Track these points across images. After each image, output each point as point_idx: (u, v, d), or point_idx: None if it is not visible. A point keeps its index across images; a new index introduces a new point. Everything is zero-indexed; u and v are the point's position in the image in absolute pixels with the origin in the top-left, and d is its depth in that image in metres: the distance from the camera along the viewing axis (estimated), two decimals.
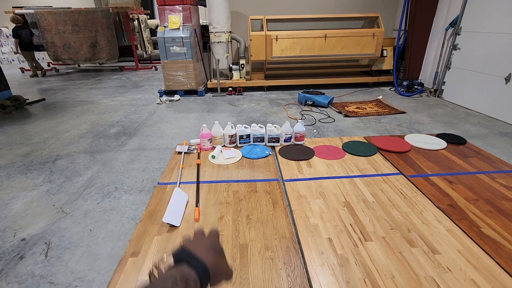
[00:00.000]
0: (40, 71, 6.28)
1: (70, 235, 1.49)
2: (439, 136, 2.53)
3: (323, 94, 3.67)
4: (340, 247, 1.36)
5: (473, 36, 3.33)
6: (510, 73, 2.88)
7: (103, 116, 3.41)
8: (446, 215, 1.57)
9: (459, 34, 3.52)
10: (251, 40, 3.95)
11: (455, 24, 3.52)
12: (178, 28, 3.86)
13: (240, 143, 2.44)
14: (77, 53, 6.30)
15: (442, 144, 2.37)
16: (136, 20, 6.67)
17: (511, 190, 1.77)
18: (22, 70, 6.93)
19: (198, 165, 2.13)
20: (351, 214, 1.59)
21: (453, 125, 2.89)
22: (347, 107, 3.47)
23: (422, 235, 1.43)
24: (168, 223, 1.51)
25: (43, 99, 4.20)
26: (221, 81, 4.27)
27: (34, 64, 6.20)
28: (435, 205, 1.65)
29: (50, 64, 7.34)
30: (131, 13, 6.48)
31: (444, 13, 3.73)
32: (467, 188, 1.80)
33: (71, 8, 6.20)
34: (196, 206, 1.67)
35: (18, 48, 5.94)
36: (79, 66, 7.66)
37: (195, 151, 2.34)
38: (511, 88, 2.89)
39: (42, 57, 8.27)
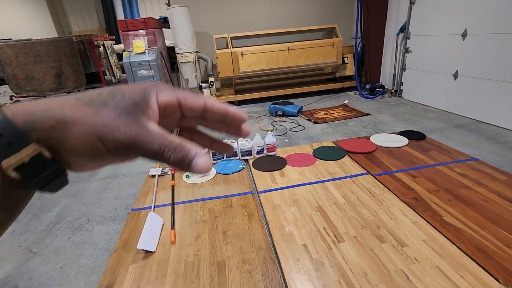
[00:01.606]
0: None
1: (39, 276, 1.42)
2: (401, 133, 2.69)
3: (292, 103, 3.80)
4: (315, 251, 1.40)
5: (421, 39, 3.62)
6: (457, 70, 3.15)
7: None
8: (411, 208, 1.66)
9: (409, 38, 3.80)
10: (217, 58, 4.04)
11: (404, 29, 3.81)
12: (144, 52, 3.87)
13: (214, 160, 2.46)
14: (41, 84, 6.10)
15: (404, 141, 2.52)
16: (102, 47, 6.59)
17: (467, 178, 1.91)
18: None
19: (173, 187, 2.12)
20: (324, 218, 1.64)
21: (414, 122, 3.08)
22: (316, 114, 3.61)
23: (390, 230, 1.50)
24: (143, 250, 1.48)
25: None
26: None
27: None
28: (400, 199, 1.75)
29: (13, 97, 7.03)
30: (96, 40, 6.41)
31: (394, 19, 4.03)
32: (429, 180, 1.92)
33: (31, 39, 6.04)
34: (172, 228, 1.65)
35: None
36: (44, 96, 7.39)
37: (169, 173, 2.33)
38: (460, 84, 3.15)
39: (4, 91, 7.91)
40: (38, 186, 0.22)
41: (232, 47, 4.08)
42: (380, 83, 4.25)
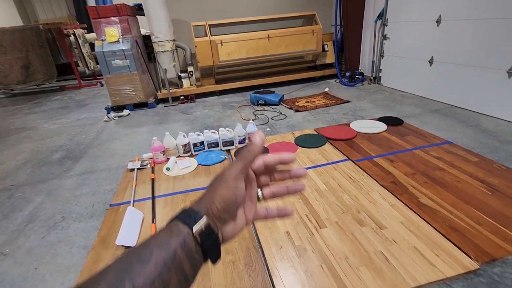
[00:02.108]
0: None
1: (11, 278, 1.35)
2: (380, 119, 2.75)
3: (274, 92, 3.77)
4: (298, 238, 1.42)
5: (399, 26, 3.67)
6: (432, 56, 3.23)
7: (44, 142, 3.14)
8: (390, 191, 1.71)
9: (386, 25, 3.85)
10: (196, 46, 3.92)
11: (382, 16, 3.84)
12: (118, 41, 3.69)
13: (195, 151, 2.41)
14: (7, 76, 5.71)
15: (382, 127, 2.57)
16: (72, 36, 6.23)
17: (442, 160, 1.98)
18: None
19: (153, 180, 2.06)
20: (306, 205, 1.66)
21: (392, 108, 3.15)
22: (297, 102, 3.61)
23: (370, 214, 1.54)
24: (123, 245, 1.44)
25: None
26: (171, 90, 4.18)
27: None
28: (379, 184, 1.79)
29: None
30: (65, 29, 6.05)
31: (372, 6, 4.05)
32: (406, 164, 1.98)
33: None
34: (153, 222, 1.61)
35: None
36: (12, 90, 6.95)
37: (149, 166, 2.26)
38: (435, 70, 3.23)
39: None
40: (207, 247, 0.33)
41: (211, 35, 3.97)
42: (359, 71, 4.30)
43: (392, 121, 2.68)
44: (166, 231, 0.33)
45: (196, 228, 0.32)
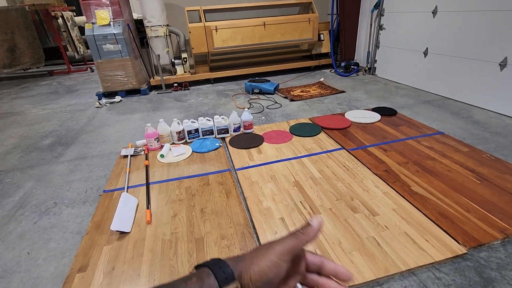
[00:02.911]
0: None
1: (4, 263, 1.34)
2: (374, 110, 2.77)
3: (269, 81, 3.75)
4: (292, 224, 1.44)
5: (395, 16, 3.66)
6: (427, 48, 3.24)
7: (33, 127, 3.06)
8: (383, 180, 1.74)
9: (383, 15, 3.83)
10: (190, 32, 3.84)
11: (378, 5, 3.82)
12: (109, 24, 3.58)
13: (189, 139, 2.39)
14: None
15: (377, 117, 2.60)
16: (61, 18, 6.01)
17: (433, 150, 2.02)
18: None
19: (147, 166, 2.04)
20: (301, 192, 1.67)
21: (386, 99, 3.17)
22: (292, 91, 3.59)
23: (363, 201, 1.57)
24: (117, 231, 1.44)
25: None
26: (165, 77, 4.10)
27: None
28: (373, 172, 1.82)
29: None
30: (53, 11, 5.82)
31: None
32: (399, 153, 2.01)
33: None
34: (147, 208, 1.61)
35: None
36: None
37: (142, 153, 2.24)
38: (429, 61, 3.25)
39: None
40: None
41: (206, 21, 3.88)
42: (354, 61, 4.29)
43: (386, 112, 2.70)
44: (197, 280, 0.32)
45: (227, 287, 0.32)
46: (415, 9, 3.32)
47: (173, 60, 4.18)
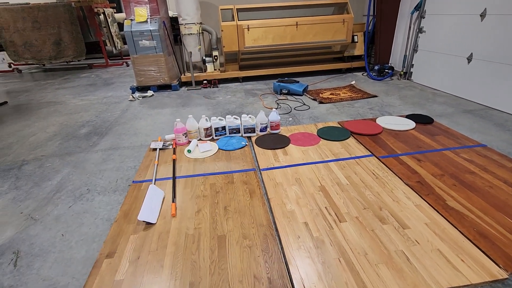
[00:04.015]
0: None
1: (41, 242, 1.43)
2: (408, 117, 2.63)
3: (298, 82, 3.70)
4: (316, 230, 1.40)
5: (437, 18, 3.45)
6: (472, 53, 3.02)
7: (72, 117, 3.26)
8: (415, 191, 1.64)
9: (424, 17, 3.63)
10: (222, 30, 3.88)
11: (419, 7, 3.62)
12: (146, 21, 3.72)
13: (216, 136, 2.42)
14: (40, 51, 5.94)
15: (411, 124, 2.47)
16: (102, 14, 6.35)
17: (473, 164, 1.87)
18: None
19: (174, 161, 2.10)
20: (326, 197, 1.63)
21: (422, 106, 3.01)
22: (322, 93, 3.52)
23: (392, 212, 1.49)
24: (144, 221, 1.48)
25: (5, 102, 3.95)
26: (195, 74, 4.19)
27: None
28: (404, 182, 1.72)
29: (12, 65, 6.88)
30: (96, 7, 6.16)
31: None
32: (434, 164, 1.89)
33: (29, 3, 5.80)
34: (173, 201, 1.65)
35: None
36: (43, 65, 7.24)
37: (171, 147, 2.30)
38: (473, 68, 3.03)
39: (3, 58, 7.72)
40: None
41: (238, 20, 3.91)
42: (389, 64, 4.11)
43: (421, 119, 2.56)
44: None
45: None
46: (461, 11, 3.11)
47: (204, 57, 4.26)
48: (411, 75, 3.96)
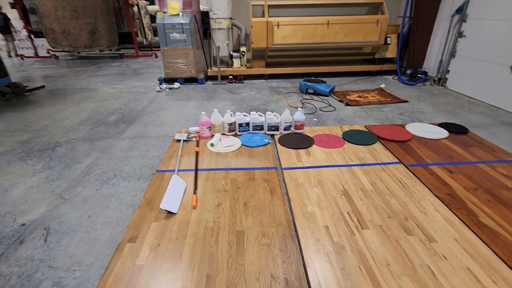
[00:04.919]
0: (15, 55, 7.03)
1: (69, 221, 1.50)
2: (441, 125, 2.50)
3: (325, 82, 3.62)
4: (337, 234, 1.37)
5: (480, 23, 3.24)
6: None
7: (102, 104, 3.40)
8: (445, 204, 1.56)
9: (465, 21, 3.42)
10: (252, 26, 3.88)
11: (461, 10, 3.42)
12: (178, 14, 3.78)
13: (239, 131, 2.42)
14: (76, 39, 6.23)
15: (443, 133, 2.34)
16: (136, 6, 6.55)
17: (510, 179, 1.75)
18: (22, 56, 6.89)
19: (197, 153, 2.12)
20: (349, 202, 1.58)
21: (456, 114, 2.85)
22: (349, 95, 3.43)
23: (419, 224, 1.42)
24: (165, 210, 1.52)
25: (43, 86, 4.19)
26: (221, 69, 4.22)
27: (10, 47, 6.94)
28: (434, 194, 1.64)
29: (50, 51, 7.28)
30: None
31: None
32: (467, 177, 1.78)
33: None
34: (194, 193, 1.67)
35: None
36: (78, 53, 7.59)
37: (194, 139, 2.33)
38: None
39: (42, 44, 8.19)
40: None
41: (269, 16, 3.88)
42: (423, 69, 3.93)
43: (455, 129, 2.43)
44: None
45: None
46: (507, 16, 2.90)
47: (231, 53, 4.28)
48: (446, 81, 3.76)
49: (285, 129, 2.41)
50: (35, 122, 2.86)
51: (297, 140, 2.28)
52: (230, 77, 4.17)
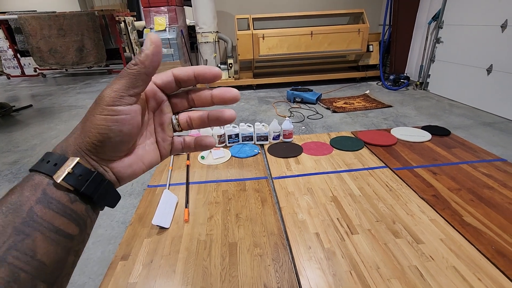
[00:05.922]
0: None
1: None
2: (424, 128, 2.59)
3: (311, 90, 3.71)
4: (327, 241, 1.40)
5: (455, 29, 3.40)
6: (492, 64, 2.96)
7: None
8: (430, 205, 1.61)
9: (441, 28, 3.58)
10: (238, 39, 3.96)
11: (437, 17, 3.58)
12: (164, 30, 3.84)
13: (229, 143, 2.45)
14: (63, 57, 6.21)
15: (427, 136, 2.42)
16: (123, 23, 6.59)
17: (492, 178, 1.82)
18: (8, 76, 6.81)
19: (188, 166, 2.14)
20: (338, 208, 1.62)
21: (438, 117, 2.95)
22: (335, 102, 3.51)
23: (406, 226, 1.47)
24: (157, 225, 1.52)
25: (30, 106, 4.15)
26: None
27: None
28: (419, 196, 1.69)
29: (37, 69, 7.23)
30: (117, 16, 6.41)
31: (427, 7, 3.79)
32: (450, 178, 1.85)
33: (55, 12, 6.10)
34: (186, 207, 1.68)
35: None
36: (66, 70, 7.56)
37: (184, 153, 2.35)
38: (493, 79, 2.96)
39: (29, 63, 8.13)
40: (90, 192, 0.27)
41: (254, 29, 3.98)
42: (405, 74, 4.07)
43: (437, 131, 2.51)
44: (16, 192, 0.24)
45: (59, 174, 0.25)
46: (480, 22, 3.06)
47: (219, 65, 4.34)
48: (427, 85, 3.90)
49: (274, 139, 2.45)
50: (22, 142, 2.83)
51: (286, 149, 2.33)
52: None
